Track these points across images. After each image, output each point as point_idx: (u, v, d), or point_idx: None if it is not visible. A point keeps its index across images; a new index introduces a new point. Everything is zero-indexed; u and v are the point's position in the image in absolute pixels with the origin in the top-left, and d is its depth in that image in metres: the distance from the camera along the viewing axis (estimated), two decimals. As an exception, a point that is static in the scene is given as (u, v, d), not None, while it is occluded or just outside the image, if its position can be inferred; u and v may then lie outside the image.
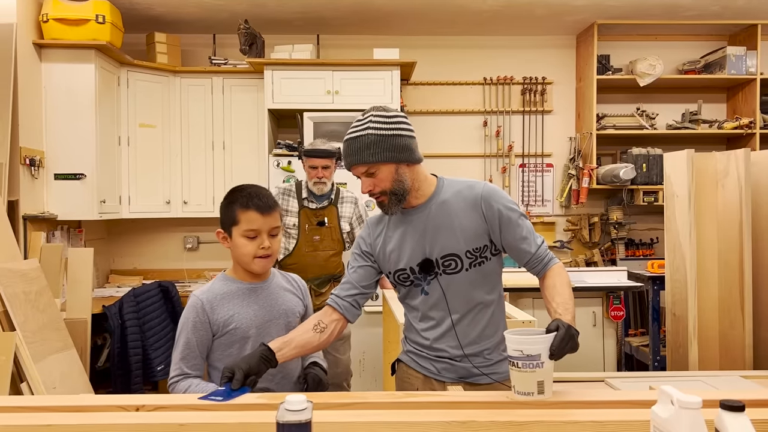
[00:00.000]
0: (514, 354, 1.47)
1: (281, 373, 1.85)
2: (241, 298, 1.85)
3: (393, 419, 1.32)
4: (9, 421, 1.31)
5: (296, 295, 1.98)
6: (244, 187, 1.87)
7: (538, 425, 1.31)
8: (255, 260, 1.81)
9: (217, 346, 1.84)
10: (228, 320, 1.82)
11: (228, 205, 1.84)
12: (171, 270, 5.01)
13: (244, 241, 1.80)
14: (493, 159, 5.11)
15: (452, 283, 1.84)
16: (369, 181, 1.78)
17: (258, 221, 1.79)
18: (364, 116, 1.78)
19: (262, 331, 1.85)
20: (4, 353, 2.76)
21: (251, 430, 1.30)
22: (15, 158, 3.71)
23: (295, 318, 1.93)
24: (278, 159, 4.31)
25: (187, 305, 1.86)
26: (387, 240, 1.90)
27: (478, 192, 1.83)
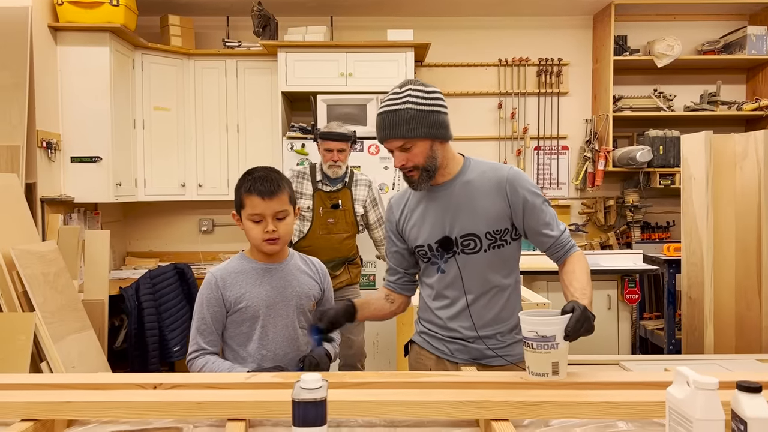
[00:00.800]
0: (529, 335, 1.47)
1: (291, 353, 1.88)
2: (254, 277, 1.87)
3: (406, 398, 1.33)
4: (30, 397, 1.34)
5: (313, 278, 1.98)
6: (253, 171, 1.87)
7: (551, 406, 1.31)
8: (263, 243, 1.83)
9: (229, 323, 1.87)
10: (239, 298, 1.84)
11: (237, 189, 1.87)
12: (186, 252, 5.05)
13: (250, 224, 1.83)
14: (508, 141, 5.07)
15: (469, 263, 1.84)
16: (403, 156, 1.77)
17: (260, 206, 1.80)
18: (402, 89, 1.76)
19: (272, 311, 1.86)
20: (24, 333, 2.80)
21: (267, 408, 1.31)
22: (32, 141, 3.74)
23: (309, 301, 1.93)
24: (292, 142, 4.31)
25: (203, 282, 1.90)
26: (409, 216, 1.92)
27: (503, 175, 1.83)
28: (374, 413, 1.31)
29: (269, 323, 1.86)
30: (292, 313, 1.88)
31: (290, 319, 1.89)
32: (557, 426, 1.39)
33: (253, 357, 1.85)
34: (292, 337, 1.89)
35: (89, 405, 1.31)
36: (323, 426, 1.09)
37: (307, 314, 1.92)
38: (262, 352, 1.85)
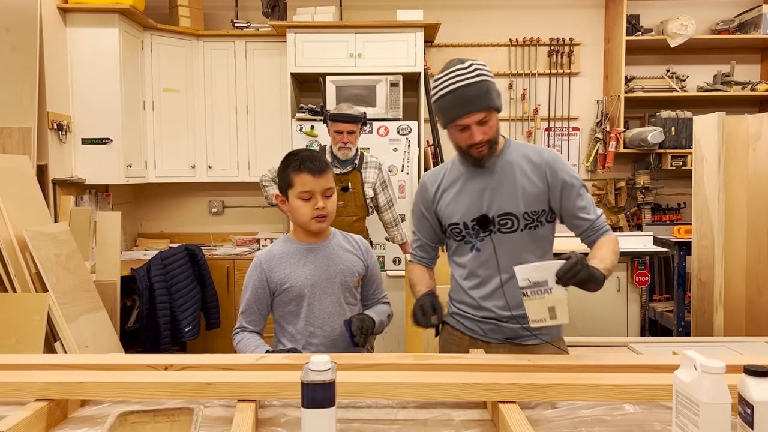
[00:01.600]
0: (523, 284, 1.52)
1: (339, 328, 1.93)
2: (298, 258, 1.93)
3: (415, 380, 1.34)
4: (44, 377, 1.36)
5: (356, 255, 2.02)
6: (297, 152, 1.94)
7: (558, 388, 1.32)
8: (312, 221, 1.88)
9: (277, 303, 1.95)
10: (284, 279, 1.91)
11: (284, 170, 1.92)
12: (197, 234, 5.08)
13: (299, 202, 1.88)
14: (519, 122, 5.04)
15: (505, 242, 1.86)
16: (482, 129, 1.77)
17: (310, 183, 1.86)
18: (466, 65, 1.76)
19: (317, 289, 1.92)
20: (38, 313, 2.84)
21: (277, 388, 1.33)
22: (43, 123, 3.76)
23: (353, 278, 1.98)
24: (301, 123, 4.30)
25: (251, 265, 1.97)
26: (444, 193, 1.94)
27: (544, 158, 1.86)
28: (382, 395, 1.33)
29: (315, 301, 1.92)
30: (337, 290, 1.94)
31: (335, 296, 1.94)
32: (564, 408, 1.40)
33: (301, 334, 1.93)
34: (338, 313, 1.94)
35: (102, 385, 1.33)
36: (332, 407, 1.11)
37: (353, 290, 1.99)
38: (310, 329, 1.92)
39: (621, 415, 1.36)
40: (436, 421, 1.36)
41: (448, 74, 1.77)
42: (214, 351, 4.50)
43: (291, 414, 1.38)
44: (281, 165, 1.95)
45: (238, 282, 4.48)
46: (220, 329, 4.44)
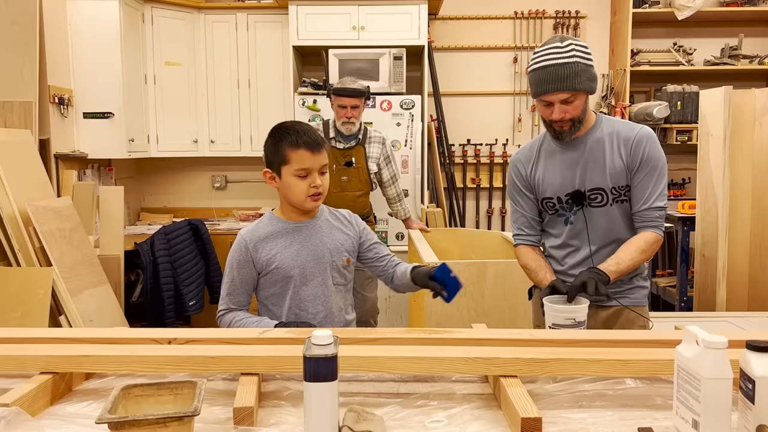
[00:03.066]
0: (566, 322, 1.63)
1: (324, 311, 1.88)
2: (285, 237, 1.84)
3: (417, 354, 1.35)
4: (49, 351, 1.37)
5: (344, 232, 1.93)
6: (289, 125, 1.82)
7: (560, 363, 1.32)
8: (307, 199, 1.80)
9: (262, 283, 1.87)
10: (270, 260, 1.82)
11: (276, 144, 1.79)
12: (200, 208, 5.08)
13: (295, 180, 1.78)
14: (523, 97, 5.00)
15: (595, 215, 1.96)
16: (563, 108, 1.85)
17: (309, 160, 1.77)
18: (565, 44, 1.82)
19: (304, 270, 1.84)
20: (42, 287, 2.86)
21: (280, 362, 1.34)
22: (44, 97, 3.74)
23: (342, 257, 1.89)
24: (303, 98, 4.27)
25: (234, 244, 1.88)
26: (537, 169, 2.03)
27: (634, 133, 1.92)
28: (385, 368, 1.33)
29: (301, 283, 1.84)
30: (325, 271, 1.86)
31: (323, 277, 1.86)
32: (566, 382, 1.40)
33: (286, 316, 1.86)
34: (324, 295, 1.87)
35: (106, 359, 1.34)
36: (334, 381, 1.11)
37: (341, 270, 1.90)
38: (296, 311, 1.85)
39: (622, 390, 1.37)
40: (437, 394, 1.37)
41: (545, 50, 1.84)
42: (217, 325, 4.52)
43: (293, 387, 1.39)
44: (271, 138, 1.82)
45: (241, 257, 4.49)
46: (224, 303, 4.46)
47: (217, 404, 1.31)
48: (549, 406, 1.29)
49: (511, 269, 2.73)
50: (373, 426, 1.16)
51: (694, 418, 1.12)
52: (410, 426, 1.22)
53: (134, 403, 1.18)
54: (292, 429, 1.19)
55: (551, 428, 1.19)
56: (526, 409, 1.14)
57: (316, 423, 1.11)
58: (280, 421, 1.24)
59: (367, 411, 1.21)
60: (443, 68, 4.91)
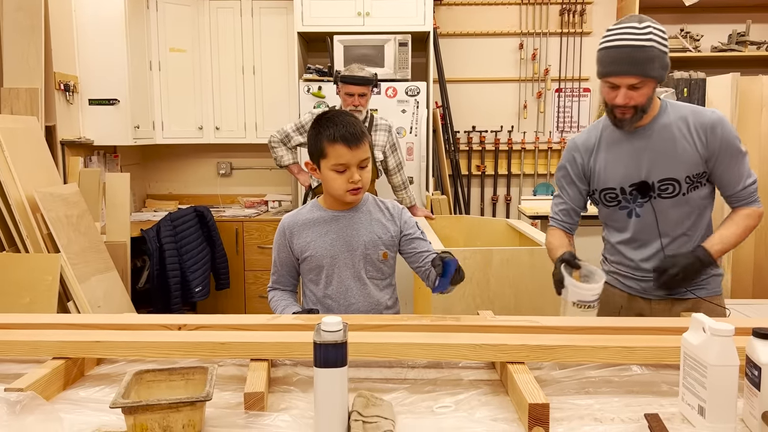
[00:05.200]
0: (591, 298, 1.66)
1: (356, 304, 1.85)
2: (322, 226, 1.82)
3: (424, 341, 1.36)
4: (61, 337, 1.38)
5: (385, 225, 1.85)
6: (331, 116, 1.76)
7: (567, 350, 1.33)
8: (346, 194, 1.76)
9: (302, 268, 1.87)
10: (305, 247, 1.82)
11: (316, 137, 1.76)
12: (205, 195, 5.09)
13: (332, 174, 1.74)
14: (529, 83, 4.98)
15: (665, 207, 1.85)
16: (629, 94, 1.74)
17: (346, 155, 1.72)
18: (642, 25, 1.72)
19: (337, 261, 1.81)
20: (51, 273, 2.88)
21: (290, 348, 1.35)
22: (50, 84, 3.74)
23: (377, 251, 1.82)
24: (308, 84, 4.27)
25: (277, 228, 1.90)
26: (597, 157, 1.92)
27: (706, 118, 1.81)
28: (393, 354, 1.35)
29: (334, 274, 1.81)
30: (357, 263, 1.81)
31: (355, 269, 1.82)
32: (572, 369, 1.42)
33: (322, 303, 1.85)
34: (357, 288, 1.82)
35: (117, 344, 1.36)
36: (344, 367, 1.12)
37: (377, 264, 1.83)
38: (327, 302, 1.83)
39: (628, 376, 1.38)
40: (445, 380, 1.38)
41: (620, 29, 1.73)
42: (223, 311, 4.57)
43: (303, 373, 1.40)
44: (313, 130, 1.77)
45: (246, 243, 4.51)
46: (230, 290, 4.49)
47: (227, 389, 1.33)
48: (556, 392, 1.31)
49: (517, 256, 2.74)
50: (382, 411, 1.17)
51: (700, 405, 1.13)
52: (418, 411, 1.23)
53: (146, 388, 1.20)
54: (302, 414, 1.21)
55: (558, 414, 1.20)
56: (534, 395, 1.16)
57: (326, 408, 1.12)
58: (290, 406, 1.26)
59: (376, 396, 1.22)
60: (448, 54, 4.89)
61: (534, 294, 2.71)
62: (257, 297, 4.58)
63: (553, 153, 5.02)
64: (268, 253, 4.77)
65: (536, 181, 5.06)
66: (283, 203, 4.93)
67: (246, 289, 4.60)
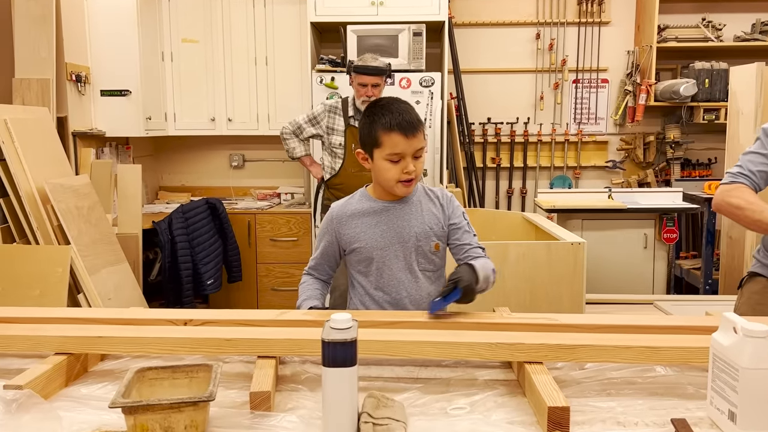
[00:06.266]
0: None
1: (408, 297, 1.75)
2: (371, 217, 1.75)
3: (438, 339, 1.30)
4: (64, 332, 1.35)
5: (435, 215, 1.76)
6: (386, 104, 1.69)
7: (588, 349, 1.27)
8: (398, 185, 1.68)
9: (349, 261, 1.81)
10: (353, 238, 1.75)
11: (370, 125, 1.69)
12: (218, 187, 5.06)
13: (386, 164, 1.66)
14: (545, 74, 4.89)
15: None
16: None
17: (402, 144, 1.63)
18: None
19: (387, 253, 1.73)
20: (61, 265, 2.86)
21: (298, 345, 1.30)
22: (61, 74, 3.72)
23: (429, 242, 1.73)
24: (321, 75, 4.21)
25: (325, 216, 1.83)
26: None
27: None
28: (405, 353, 1.30)
29: (384, 266, 1.74)
30: (409, 255, 1.73)
31: (407, 261, 1.74)
32: (593, 369, 1.36)
33: (373, 298, 1.77)
34: (409, 280, 1.74)
35: (121, 340, 1.32)
36: (353, 366, 1.07)
37: (429, 256, 1.75)
38: (379, 294, 1.76)
39: (652, 378, 1.32)
40: (459, 380, 1.33)
41: None
42: (236, 304, 4.54)
43: (311, 371, 1.36)
44: (366, 118, 1.70)
45: (259, 236, 4.48)
46: (242, 282, 4.46)
47: (233, 387, 1.28)
48: (576, 394, 1.25)
49: (533, 251, 2.68)
50: (393, 413, 1.12)
51: (731, 409, 1.07)
52: (431, 413, 1.18)
53: (149, 386, 1.15)
54: (309, 414, 1.16)
55: (579, 417, 1.14)
56: (553, 398, 1.10)
57: (334, 409, 1.07)
58: (298, 405, 1.21)
59: (387, 397, 1.17)
60: (464, 44, 4.80)
61: (551, 289, 2.65)
62: (270, 290, 4.55)
63: (570, 145, 4.93)
64: (281, 246, 4.77)
65: (553, 173, 4.97)
66: (296, 196, 4.88)
67: (258, 282, 4.57)
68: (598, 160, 4.95)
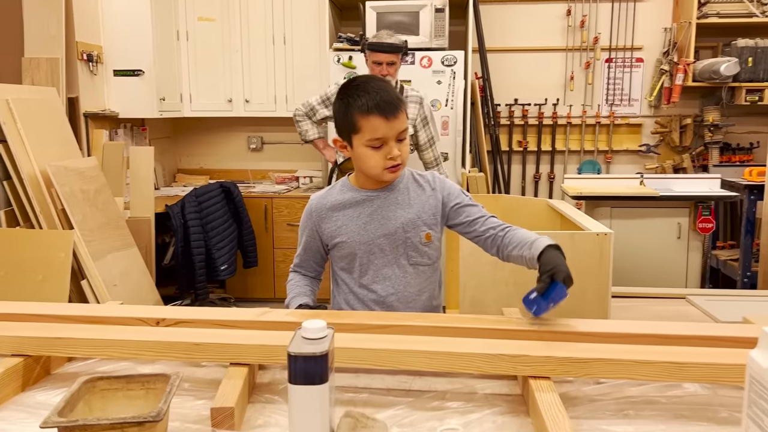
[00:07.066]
0: None
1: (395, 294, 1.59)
2: (353, 208, 1.59)
3: (432, 348, 1.15)
4: (20, 331, 1.23)
5: (425, 202, 1.59)
6: (360, 83, 1.51)
7: (603, 364, 1.11)
8: (384, 172, 1.51)
9: (332, 256, 1.65)
10: (335, 232, 1.59)
11: (345, 109, 1.50)
12: (236, 170, 4.96)
13: (368, 151, 1.49)
14: (576, 53, 4.64)
15: None
16: None
17: (382, 128, 1.47)
18: None
19: (371, 247, 1.57)
20: (63, 250, 2.77)
21: (273, 352, 1.16)
22: (72, 53, 3.63)
23: (419, 232, 1.56)
24: (339, 54, 4.04)
25: (304, 209, 1.67)
26: None
27: None
28: (393, 363, 1.15)
29: (369, 261, 1.58)
30: (398, 248, 1.57)
31: (395, 255, 1.58)
32: (609, 384, 1.19)
33: (357, 296, 1.62)
34: (397, 276, 1.58)
35: (81, 342, 1.20)
36: (323, 384, 0.93)
37: (420, 248, 1.58)
38: (364, 292, 1.60)
39: (678, 397, 1.15)
40: (456, 393, 1.18)
41: None
42: (252, 289, 4.45)
43: (292, 379, 1.22)
44: (340, 101, 1.52)
45: (276, 220, 4.37)
46: (258, 267, 4.36)
47: (202, 397, 1.16)
48: (587, 415, 1.09)
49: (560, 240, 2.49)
50: (372, 436, 0.98)
51: (771, 445, 0.89)
52: (418, 435, 1.03)
53: (100, 398, 1.03)
54: (279, 433, 1.03)
55: (588, 446, 0.98)
56: (557, 423, 0.94)
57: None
58: (269, 422, 1.08)
59: (367, 416, 1.03)
60: (490, 21, 4.58)
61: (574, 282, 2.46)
62: (286, 275, 4.42)
63: (602, 128, 4.69)
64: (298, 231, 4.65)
65: (583, 158, 4.74)
66: (315, 179, 4.75)
67: (275, 267, 4.47)
68: (631, 144, 4.70)
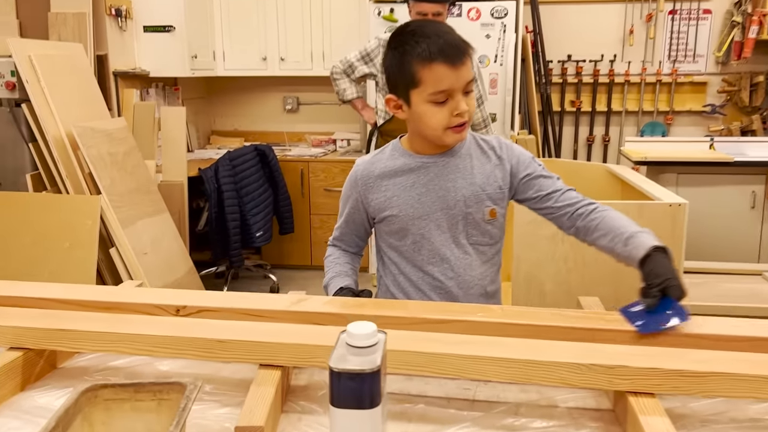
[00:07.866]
0: None
1: (455, 278, 1.37)
2: (406, 176, 1.36)
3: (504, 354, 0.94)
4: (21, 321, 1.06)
5: (491, 172, 1.36)
6: (416, 28, 1.27)
7: (724, 380, 0.86)
8: (447, 132, 1.28)
9: (379, 231, 1.43)
10: (384, 204, 1.37)
11: (400, 58, 1.26)
12: (271, 132, 4.77)
13: (430, 108, 1.26)
14: (636, 4, 4.27)
15: None
16: None
17: (448, 77, 1.23)
18: None
19: (427, 222, 1.35)
20: (90, 217, 2.63)
21: (311, 354, 0.97)
22: (99, 8, 3.45)
23: (482, 208, 1.34)
24: (379, 6, 3.77)
25: (348, 176, 1.45)
26: None
27: None
28: (458, 372, 0.94)
29: (423, 239, 1.36)
30: (456, 226, 1.35)
31: (453, 233, 1.36)
32: (726, 400, 0.96)
33: (410, 279, 1.40)
34: (456, 257, 1.36)
35: (86, 335, 1.02)
36: (374, 408, 0.73)
37: (482, 226, 1.36)
38: (418, 274, 1.39)
39: (817, 421, 0.92)
40: (531, 406, 0.97)
41: None
42: (288, 257, 4.31)
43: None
44: (393, 52, 1.29)
45: (312, 185, 4.18)
46: (295, 234, 4.19)
47: (228, 403, 0.98)
48: (701, 441, 0.87)
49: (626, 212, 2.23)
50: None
51: None
52: (491, 467, 0.83)
53: (103, 410, 0.85)
54: (318, 459, 0.83)
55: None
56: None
57: (347, 467, 0.74)
58: (305, 440, 0.88)
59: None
60: (543, -29, 4.24)
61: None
62: (324, 243, 4.23)
63: (663, 87, 4.34)
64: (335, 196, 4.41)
65: (641, 120, 4.40)
66: (353, 142, 4.53)
67: (312, 233, 4.31)
68: (695, 104, 4.34)
